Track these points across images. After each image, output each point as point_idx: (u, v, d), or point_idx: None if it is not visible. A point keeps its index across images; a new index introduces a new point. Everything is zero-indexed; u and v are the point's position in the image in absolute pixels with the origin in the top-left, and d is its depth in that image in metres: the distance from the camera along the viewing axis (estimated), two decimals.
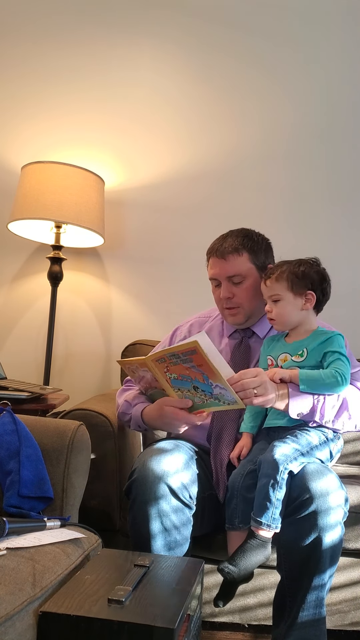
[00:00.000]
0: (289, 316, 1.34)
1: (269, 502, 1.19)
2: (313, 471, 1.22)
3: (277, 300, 1.34)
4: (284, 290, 1.33)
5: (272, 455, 1.22)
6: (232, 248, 1.47)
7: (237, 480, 1.32)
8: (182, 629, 0.88)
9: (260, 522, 1.19)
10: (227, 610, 1.48)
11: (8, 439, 1.24)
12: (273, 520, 1.19)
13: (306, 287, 1.33)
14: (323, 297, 1.36)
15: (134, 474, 1.27)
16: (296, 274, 1.33)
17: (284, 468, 1.20)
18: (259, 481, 1.23)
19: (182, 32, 2.33)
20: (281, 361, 1.35)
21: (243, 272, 1.47)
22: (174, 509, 1.24)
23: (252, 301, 1.49)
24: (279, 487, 1.19)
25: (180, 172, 2.33)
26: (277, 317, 1.35)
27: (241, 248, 1.47)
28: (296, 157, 2.33)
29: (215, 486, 1.41)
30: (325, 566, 1.19)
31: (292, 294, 1.33)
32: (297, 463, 1.22)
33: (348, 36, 2.32)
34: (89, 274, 2.33)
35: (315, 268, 1.35)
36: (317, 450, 1.28)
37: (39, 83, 2.33)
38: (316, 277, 1.34)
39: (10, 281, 2.33)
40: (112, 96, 2.33)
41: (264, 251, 1.51)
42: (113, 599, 0.87)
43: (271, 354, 1.39)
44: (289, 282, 1.33)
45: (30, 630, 0.82)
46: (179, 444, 1.36)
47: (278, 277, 1.34)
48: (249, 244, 1.48)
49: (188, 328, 1.66)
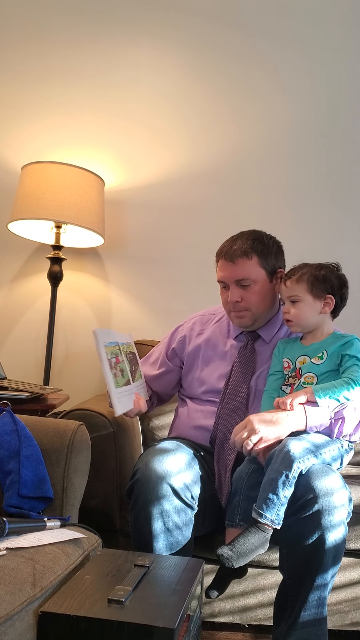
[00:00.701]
0: (307, 318, 1.35)
1: (276, 497, 1.19)
2: (317, 470, 1.22)
3: (296, 301, 1.35)
4: (303, 292, 1.34)
5: (288, 450, 1.21)
6: (241, 251, 1.44)
7: (241, 478, 1.32)
8: (182, 629, 0.88)
9: (265, 515, 1.19)
10: (227, 610, 1.48)
11: (8, 439, 1.24)
12: (277, 517, 1.19)
13: (326, 290, 1.34)
14: (341, 302, 1.38)
15: (137, 474, 1.27)
16: (317, 277, 1.34)
17: (297, 466, 1.20)
18: (268, 474, 1.22)
19: (182, 32, 2.33)
20: (299, 363, 1.35)
21: (252, 276, 1.45)
22: (176, 509, 1.24)
23: (260, 305, 1.47)
24: (289, 484, 1.19)
25: (180, 172, 2.33)
26: (295, 318, 1.35)
27: (251, 251, 1.45)
28: (297, 156, 2.33)
29: (218, 490, 1.40)
30: (328, 566, 1.19)
31: (312, 297, 1.34)
32: (309, 463, 1.22)
33: (348, 35, 2.33)
34: (89, 274, 2.33)
35: (335, 273, 1.37)
36: (329, 454, 1.27)
37: (38, 83, 2.33)
38: (336, 281, 1.35)
39: (10, 281, 2.33)
40: (112, 96, 2.33)
41: (275, 255, 1.49)
42: (113, 599, 0.87)
43: (287, 356, 1.39)
44: (309, 285, 1.34)
45: (30, 630, 0.82)
46: (181, 444, 1.36)
47: (299, 278, 1.35)
48: (259, 247, 1.46)
49: (190, 326, 1.65)
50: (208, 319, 1.65)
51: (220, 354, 1.55)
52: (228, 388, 1.48)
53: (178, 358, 1.63)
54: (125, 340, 1.51)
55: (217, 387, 1.52)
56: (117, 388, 1.33)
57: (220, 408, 1.47)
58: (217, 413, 1.48)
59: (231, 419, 1.44)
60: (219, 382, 1.52)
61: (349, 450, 1.34)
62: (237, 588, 1.48)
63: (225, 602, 1.49)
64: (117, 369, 1.37)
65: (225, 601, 1.49)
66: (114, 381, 1.32)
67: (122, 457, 1.55)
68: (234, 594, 1.48)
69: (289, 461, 1.19)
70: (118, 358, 1.39)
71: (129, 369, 1.46)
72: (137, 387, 1.49)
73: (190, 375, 1.59)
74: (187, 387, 1.61)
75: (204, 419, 1.51)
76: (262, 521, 1.19)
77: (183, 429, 1.55)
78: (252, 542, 1.18)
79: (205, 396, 1.54)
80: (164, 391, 1.66)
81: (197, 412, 1.53)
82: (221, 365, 1.54)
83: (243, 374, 1.48)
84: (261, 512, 1.19)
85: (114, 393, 1.32)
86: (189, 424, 1.53)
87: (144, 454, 1.32)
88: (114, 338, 1.42)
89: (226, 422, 1.45)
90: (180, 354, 1.63)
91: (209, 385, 1.53)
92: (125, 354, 1.47)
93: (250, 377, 1.48)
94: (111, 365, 1.34)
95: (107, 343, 1.37)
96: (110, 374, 1.32)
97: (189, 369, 1.60)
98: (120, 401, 1.34)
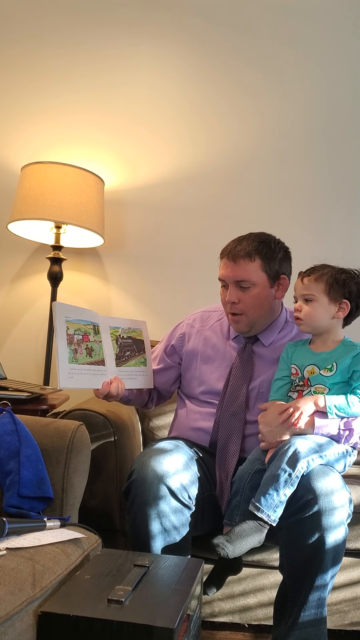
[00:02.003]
0: (318, 319, 1.32)
1: (276, 493, 1.18)
2: (318, 471, 1.22)
3: (310, 300, 1.32)
4: (320, 292, 1.31)
5: (295, 449, 1.20)
6: (244, 252, 1.43)
7: (243, 478, 1.31)
8: (182, 629, 0.88)
9: (262, 509, 1.19)
10: (227, 610, 1.48)
11: (8, 439, 1.24)
12: (274, 512, 1.19)
13: (343, 295, 1.31)
14: (356, 310, 1.34)
15: (133, 474, 1.26)
16: (337, 279, 1.31)
17: (302, 466, 1.19)
18: (270, 470, 1.22)
19: (182, 32, 2.33)
20: (308, 373, 1.33)
21: (252, 278, 1.43)
22: (173, 510, 1.23)
23: (256, 310, 1.46)
24: (291, 484, 1.19)
25: (180, 172, 2.33)
26: (306, 317, 1.32)
27: (254, 254, 1.43)
28: (297, 156, 2.33)
29: (219, 496, 1.40)
30: (328, 566, 1.19)
31: (328, 298, 1.31)
32: (314, 464, 1.22)
33: (349, 35, 2.32)
34: (88, 274, 2.33)
35: (356, 279, 1.33)
36: (334, 456, 1.27)
37: (38, 83, 2.33)
38: (355, 288, 1.32)
39: (10, 281, 2.33)
40: (112, 96, 2.33)
41: (280, 260, 1.46)
42: (113, 599, 0.87)
43: (295, 362, 1.36)
44: (327, 286, 1.31)
45: (30, 630, 0.82)
46: (180, 444, 1.36)
47: (318, 278, 1.32)
48: (264, 250, 1.44)
49: (190, 323, 1.65)
50: (209, 316, 1.65)
51: (220, 354, 1.55)
52: (227, 392, 1.48)
53: (177, 355, 1.63)
54: (126, 325, 1.54)
55: (215, 388, 1.51)
56: (72, 363, 1.34)
57: (220, 412, 1.47)
58: (216, 417, 1.48)
59: (231, 424, 1.44)
60: (218, 383, 1.51)
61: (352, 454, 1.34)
62: (237, 588, 1.48)
63: (225, 602, 1.49)
64: (80, 345, 1.37)
65: (225, 601, 1.49)
66: (68, 356, 1.33)
67: (122, 457, 1.55)
68: (234, 593, 1.48)
69: (294, 460, 1.19)
70: (87, 336, 1.40)
71: (115, 352, 1.47)
72: (123, 373, 1.48)
73: (189, 373, 1.59)
74: (186, 384, 1.61)
75: (202, 421, 1.50)
76: (258, 515, 1.19)
77: (182, 430, 1.55)
78: (248, 533, 1.18)
79: (203, 397, 1.54)
80: (163, 387, 1.65)
81: (196, 413, 1.53)
82: (221, 365, 1.54)
83: (241, 377, 1.48)
84: (259, 505, 1.19)
85: (64, 367, 1.32)
86: (188, 425, 1.53)
87: (141, 454, 1.32)
88: (88, 317, 1.43)
89: (226, 427, 1.45)
90: (179, 351, 1.63)
91: (207, 386, 1.53)
92: (117, 337, 1.48)
93: (249, 381, 1.47)
94: (71, 341, 1.35)
95: (90, 322, 1.42)
96: (64, 348, 1.32)
97: (188, 366, 1.60)
98: (72, 377, 1.34)
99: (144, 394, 1.63)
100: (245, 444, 1.43)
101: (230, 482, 1.38)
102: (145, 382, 1.55)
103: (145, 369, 1.56)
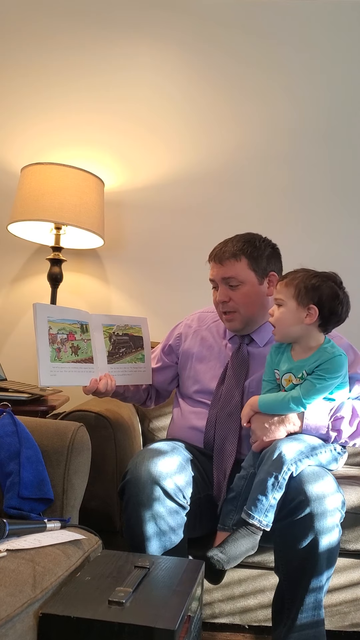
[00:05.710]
0: (287, 325, 1.29)
1: (265, 498, 1.18)
2: (310, 473, 1.21)
3: (280, 305, 1.31)
4: (289, 297, 1.28)
5: (280, 452, 1.20)
6: (230, 254, 1.45)
7: (239, 484, 1.31)
8: (183, 630, 0.88)
9: (253, 516, 1.18)
10: (228, 611, 1.48)
11: (8, 440, 1.24)
12: (265, 518, 1.18)
13: (312, 300, 1.26)
14: (330, 315, 1.27)
15: (127, 475, 1.26)
16: (306, 284, 1.26)
17: (288, 468, 1.19)
18: (258, 475, 1.22)
19: (182, 32, 2.33)
20: (285, 381, 1.32)
21: (240, 276, 1.45)
22: (168, 511, 1.23)
23: (248, 307, 1.47)
24: (279, 487, 1.19)
25: (180, 174, 2.33)
26: (276, 322, 1.31)
27: (240, 254, 1.45)
28: (298, 158, 2.33)
29: (217, 497, 1.40)
30: (322, 569, 1.19)
31: (296, 304, 1.27)
32: (301, 465, 1.22)
33: (350, 36, 2.33)
34: (88, 275, 2.33)
35: (329, 283, 1.27)
36: (324, 456, 1.27)
37: (38, 84, 2.33)
38: (327, 292, 1.26)
39: (10, 283, 2.33)
40: (112, 97, 2.33)
41: (267, 258, 1.48)
42: (113, 601, 0.87)
43: (277, 367, 1.36)
44: (296, 290, 1.27)
45: (31, 632, 0.82)
46: (175, 445, 1.36)
47: (288, 282, 1.30)
48: (249, 249, 1.46)
49: (188, 323, 1.66)
50: (206, 316, 1.66)
51: (215, 354, 1.56)
52: (222, 392, 1.48)
53: (174, 354, 1.65)
54: (123, 322, 1.54)
55: (209, 387, 1.52)
56: (54, 362, 1.35)
57: (215, 412, 1.47)
58: (209, 416, 1.48)
59: (227, 425, 1.44)
60: (212, 382, 1.52)
61: (343, 453, 1.35)
62: (237, 589, 1.48)
63: (225, 603, 1.49)
64: (64, 344, 1.39)
65: (225, 602, 1.49)
66: (50, 355, 1.35)
67: (122, 458, 1.55)
68: (234, 595, 1.48)
69: (280, 463, 1.19)
70: (73, 335, 1.42)
71: (107, 349, 1.48)
72: (115, 369, 1.48)
73: (185, 372, 1.60)
74: (182, 384, 1.62)
75: (196, 420, 1.51)
76: (250, 521, 1.19)
77: (177, 430, 1.56)
78: (242, 543, 1.18)
79: (196, 396, 1.54)
80: (161, 386, 1.67)
81: (191, 413, 1.54)
82: (215, 365, 1.54)
83: (236, 378, 1.48)
84: (250, 512, 1.19)
85: (46, 365, 1.33)
86: (183, 425, 1.54)
87: (136, 454, 1.32)
88: (74, 316, 1.44)
89: (223, 427, 1.45)
90: (176, 350, 1.64)
91: (201, 385, 1.54)
92: (111, 335, 1.49)
93: (244, 381, 1.48)
94: (54, 340, 1.36)
95: (77, 321, 1.43)
96: (45, 347, 1.34)
97: (184, 366, 1.61)
98: (55, 375, 1.35)
99: (142, 392, 1.64)
100: (241, 444, 1.43)
101: (227, 483, 1.38)
102: (142, 378, 1.56)
103: (143, 365, 1.56)
